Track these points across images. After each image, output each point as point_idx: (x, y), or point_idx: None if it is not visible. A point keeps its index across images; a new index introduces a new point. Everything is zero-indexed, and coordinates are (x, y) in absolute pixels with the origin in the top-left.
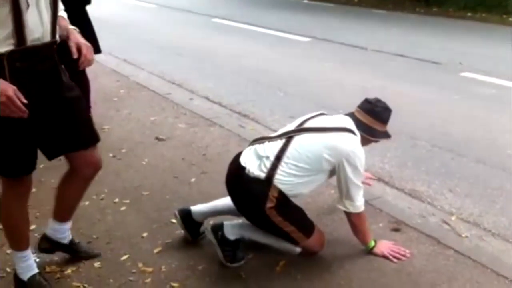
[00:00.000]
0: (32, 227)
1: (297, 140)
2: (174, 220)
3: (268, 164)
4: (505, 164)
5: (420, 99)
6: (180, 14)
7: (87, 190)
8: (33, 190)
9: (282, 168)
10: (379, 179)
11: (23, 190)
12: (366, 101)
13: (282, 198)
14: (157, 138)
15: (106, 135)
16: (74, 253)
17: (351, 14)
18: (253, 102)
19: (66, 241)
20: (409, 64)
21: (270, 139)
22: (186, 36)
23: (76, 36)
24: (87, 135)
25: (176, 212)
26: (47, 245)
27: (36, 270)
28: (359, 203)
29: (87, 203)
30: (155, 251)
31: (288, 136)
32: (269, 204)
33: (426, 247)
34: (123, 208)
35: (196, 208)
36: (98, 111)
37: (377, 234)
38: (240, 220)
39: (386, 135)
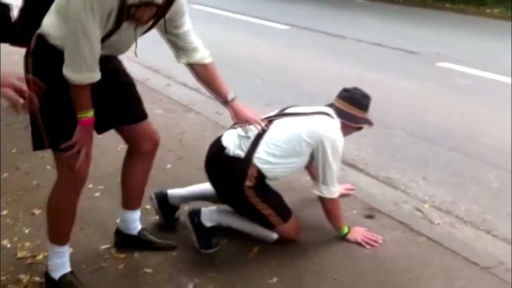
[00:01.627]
0: (4, 212)
1: (278, 122)
2: (148, 206)
3: (248, 143)
4: (479, 153)
5: (397, 88)
6: None
7: (149, 171)
8: (5, 175)
9: (262, 147)
10: (354, 166)
11: (79, 180)
12: (344, 90)
13: (261, 178)
14: None
15: None
16: (146, 245)
17: (332, 3)
18: (231, 89)
19: (135, 232)
20: (387, 53)
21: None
22: None
23: (244, 113)
24: (139, 108)
25: (153, 195)
26: (119, 238)
27: (68, 269)
28: (334, 189)
29: None
30: None
31: (269, 120)
32: (248, 183)
33: (399, 234)
34: (97, 194)
35: (173, 191)
36: None
37: (350, 221)
38: (217, 208)
39: (368, 122)
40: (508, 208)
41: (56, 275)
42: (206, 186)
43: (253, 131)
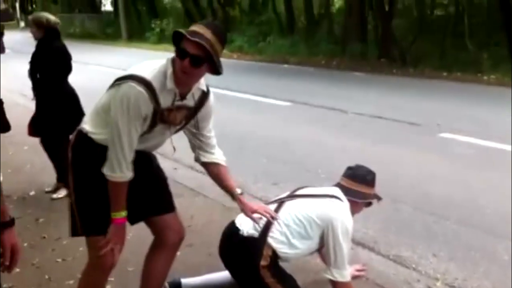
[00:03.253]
0: None
1: (289, 204)
2: None
3: (261, 224)
4: (486, 225)
5: (400, 160)
6: None
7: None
8: (17, 270)
9: (275, 227)
10: (364, 245)
11: (108, 265)
12: (348, 168)
13: (276, 258)
14: None
15: None
16: None
17: (331, 77)
18: (236, 169)
19: None
20: (388, 126)
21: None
22: None
23: (251, 205)
24: (169, 201)
25: (166, 285)
26: None
27: None
28: (346, 272)
29: (71, 281)
30: None
31: (280, 201)
32: (263, 262)
33: None
34: (108, 286)
35: (186, 281)
36: None
37: None
38: None
39: (376, 197)
40: None
41: None
42: (218, 275)
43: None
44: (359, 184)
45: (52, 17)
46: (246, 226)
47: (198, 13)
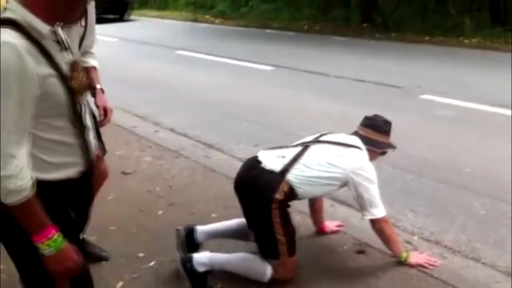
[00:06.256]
0: None
1: (313, 148)
2: (141, 254)
3: (284, 161)
4: (464, 183)
5: None
6: (143, 47)
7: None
8: None
9: (297, 167)
10: (343, 203)
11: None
12: (366, 118)
13: (290, 196)
14: (123, 173)
15: None
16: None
17: (313, 42)
18: (218, 132)
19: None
20: (370, 88)
21: (286, 147)
22: (150, 69)
23: (102, 99)
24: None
25: (181, 228)
26: None
27: None
28: (381, 207)
29: None
30: (118, 285)
31: (305, 145)
32: (277, 196)
33: (390, 268)
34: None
35: (201, 227)
36: None
37: (342, 256)
38: (209, 253)
39: (391, 146)
40: (495, 235)
41: None
42: (231, 222)
43: (289, 152)
44: (376, 133)
45: None
46: (269, 161)
47: None
